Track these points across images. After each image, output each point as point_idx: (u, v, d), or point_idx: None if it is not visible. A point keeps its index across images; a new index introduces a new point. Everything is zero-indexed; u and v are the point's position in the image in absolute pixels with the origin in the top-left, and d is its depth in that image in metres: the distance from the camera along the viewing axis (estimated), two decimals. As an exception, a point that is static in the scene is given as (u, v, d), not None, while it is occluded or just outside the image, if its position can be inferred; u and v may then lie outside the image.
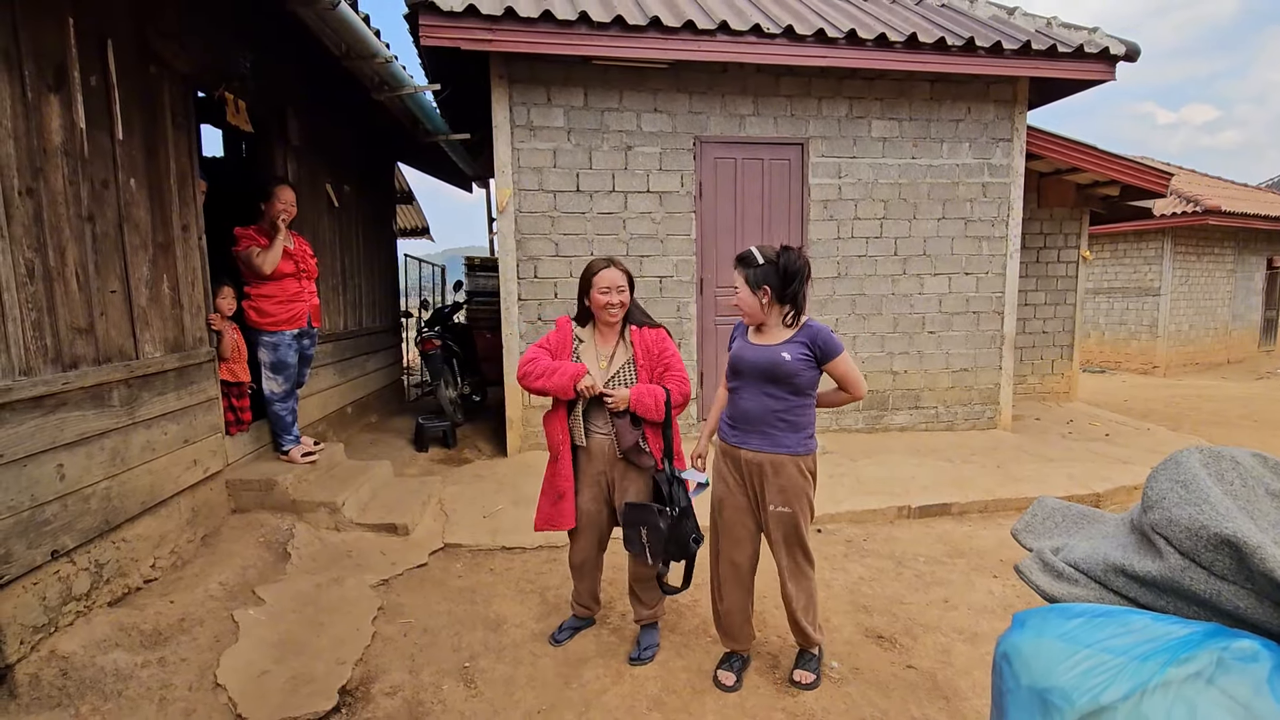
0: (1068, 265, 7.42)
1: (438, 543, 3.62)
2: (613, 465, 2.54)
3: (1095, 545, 0.75)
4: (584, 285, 2.50)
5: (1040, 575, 0.77)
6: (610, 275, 2.45)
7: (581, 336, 2.56)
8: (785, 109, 5.26)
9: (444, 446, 5.42)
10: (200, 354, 3.32)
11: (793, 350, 2.28)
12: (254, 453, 3.86)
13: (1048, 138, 6.17)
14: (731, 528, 2.43)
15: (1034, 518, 0.90)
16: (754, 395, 2.33)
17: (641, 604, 2.69)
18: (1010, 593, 3.19)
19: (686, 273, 5.27)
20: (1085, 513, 0.86)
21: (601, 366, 2.51)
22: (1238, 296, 13.71)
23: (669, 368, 2.51)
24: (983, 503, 4.24)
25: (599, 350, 2.54)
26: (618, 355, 2.54)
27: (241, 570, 3.08)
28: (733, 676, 2.48)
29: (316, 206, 4.88)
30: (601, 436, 2.53)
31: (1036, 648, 0.68)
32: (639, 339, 2.54)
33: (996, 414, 5.91)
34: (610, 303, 2.45)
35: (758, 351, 2.33)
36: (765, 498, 2.34)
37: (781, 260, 2.29)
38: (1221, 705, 0.64)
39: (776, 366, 2.27)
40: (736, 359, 2.40)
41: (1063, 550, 0.77)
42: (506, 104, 4.84)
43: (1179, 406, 8.43)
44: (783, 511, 2.33)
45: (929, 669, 2.58)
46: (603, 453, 2.54)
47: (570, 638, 2.77)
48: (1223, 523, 0.72)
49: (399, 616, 2.93)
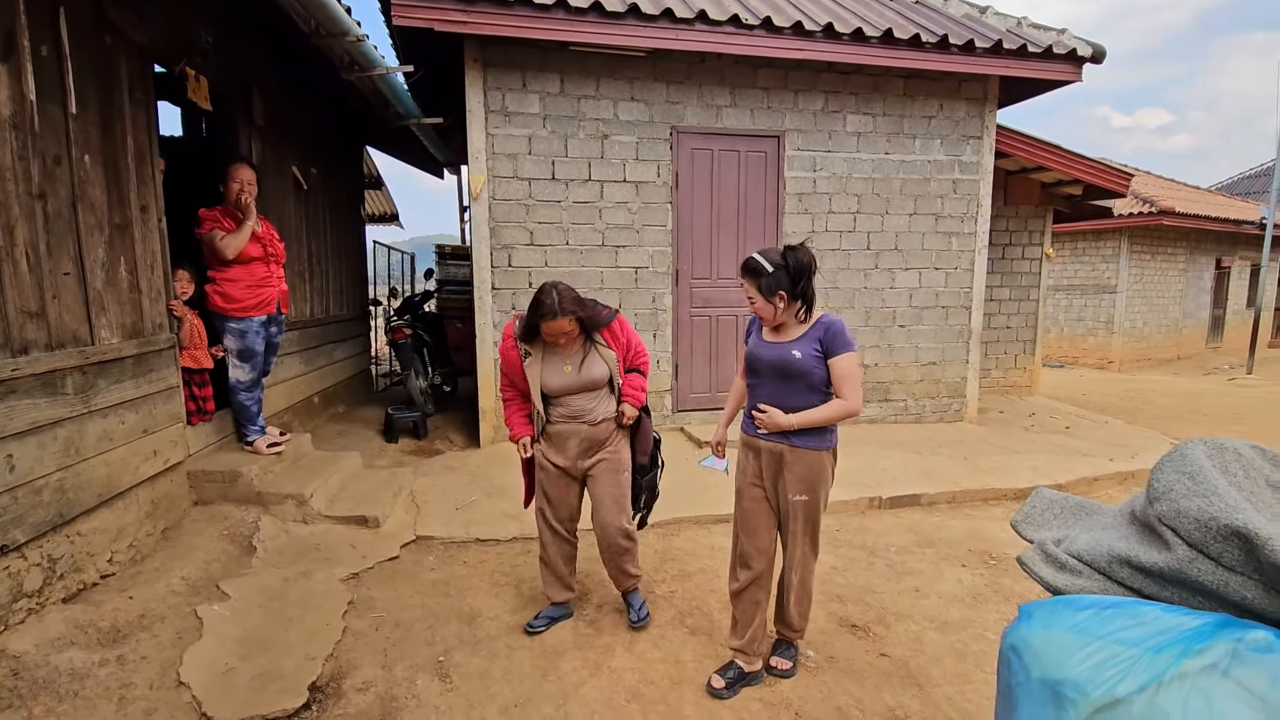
0: (1032, 262, 7.60)
1: (409, 535, 3.56)
2: (590, 442, 2.62)
3: (1098, 537, 0.76)
4: (532, 321, 2.46)
5: (1043, 567, 0.78)
6: (557, 326, 2.43)
7: (529, 351, 2.56)
8: (762, 101, 5.26)
9: (415, 437, 5.32)
10: (160, 340, 3.19)
11: (804, 348, 2.27)
12: (217, 443, 3.74)
13: (1016, 136, 6.29)
14: (748, 517, 2.44)
15: (1033, 509, 0.90)
16: (771, 392, 2.33)
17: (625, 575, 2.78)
18: (979, 581, 3.26)
19: (662, 264, 5.25)
20: (1083, 504, 0.87)
21: (567, 370, 2.57)
22: (1188, 295, 14.24)
23: (637, 353, 2.71)
24: (950, 493, 4.33)
25: (560, 357, 2.58)
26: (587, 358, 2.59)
27: (204, 564, 2.98)
28: (721, 680, 2.39)
29: (283, 189, 4.73)
30: (575, 425, 2.60)
31: (1046, 640, 0.68)
32: (611, 339, 2.63)
33: (963, 407, 6.04)
34: (559, 343, 2.54)
35: (772, 350, 2.33)
36: (785, 487, 2.34)
37: (790, 261, 2.25)
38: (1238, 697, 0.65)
39: (788, 365, 2.27)
40: (753, 357, 2.39)
41: (1064, 542, 0.77)
42: (481, 89, 4.75)
43: (1134, 401, 8.72)
44: (801, 500, 2.33)
45: (902, 657, 2.63)
46: (577, 435, 2.61)
47: (547, 627, 2.77)
48: (1232, 514, 0.73)
49: (370, 611, 2.87)
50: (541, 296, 2.43)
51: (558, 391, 2.57)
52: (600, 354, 2.59)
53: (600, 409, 2.61)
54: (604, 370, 2.58)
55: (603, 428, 2.62)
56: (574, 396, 2.58)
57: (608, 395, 2.64)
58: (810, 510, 2.35)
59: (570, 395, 2.58)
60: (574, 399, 2.58)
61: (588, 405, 2.59)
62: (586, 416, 2.59)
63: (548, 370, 2.56)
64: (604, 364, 2.58)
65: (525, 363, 2.55)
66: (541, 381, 2.55)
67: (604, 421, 2.62)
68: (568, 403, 2.58)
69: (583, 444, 2.61)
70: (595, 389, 2.59)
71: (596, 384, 2.58)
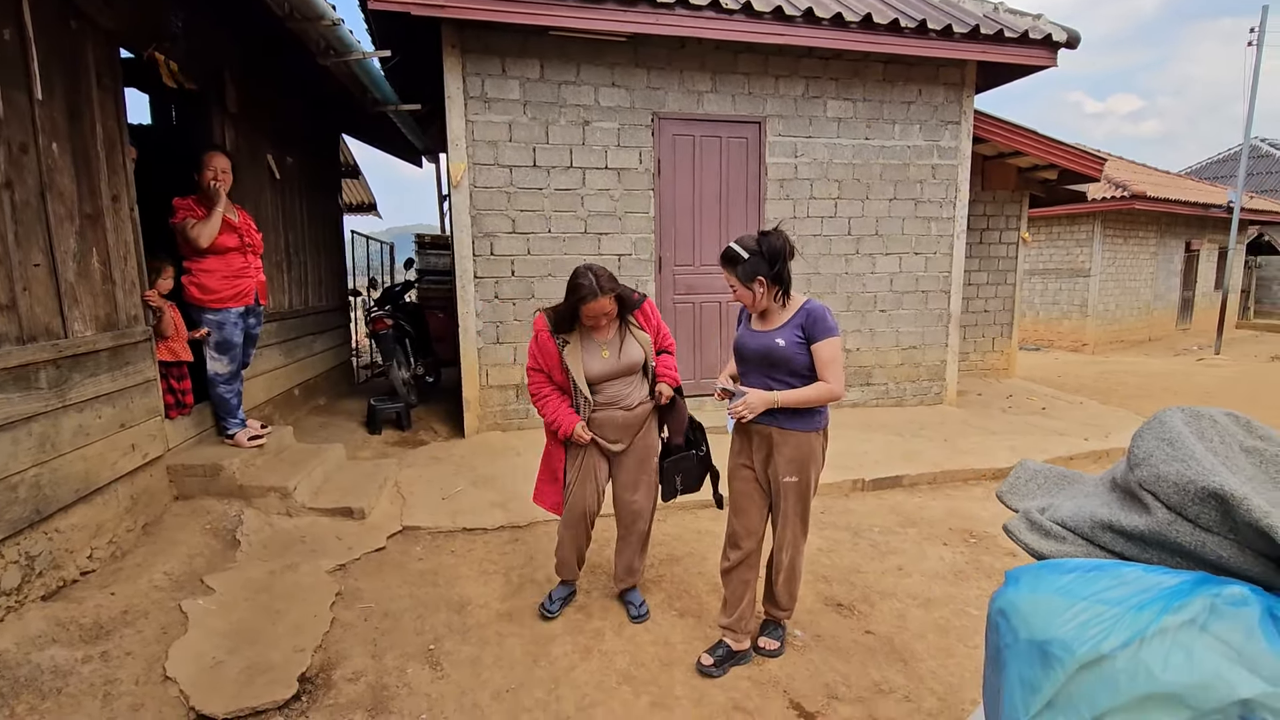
0: (1008, 246, 7.70)
1: (396, 526, 3.54)
2: (624, 429, 2.61)
3: (1080, 504, 0.79)
4: (571, 304, 2.44)
5: (1028, 534, 0.80)
6: (598, 306, 2.41)
7: (567, 340, 2.53)
8: (743, 87, 5.26)
9: (398, 428, 5.29)
10: (136, 333, 3.12)
11: (787, 335, 2.28)
12: (197, 436, 3.68)
13: (993, 122, 6.36)
14: (738, 498, 2.48)
15: (1017, 480, 0.93)
16: (758, 380, 2.36)
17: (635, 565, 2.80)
18: (961, 559, 3.33)
19: (645, 251, 5.24)
20: (1064, 474, 0.90)
21: (605, 355, 2.55)
22: (1159, 278, 14.55)
23: (665, 335, 2.72)
24: (931, 474, 4.40)
25: (597, 342, 2.56)
26: (624, 343, 2.58)
27: (188, 559, 2.94)
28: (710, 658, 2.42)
29: (258, 178, 4.64)
30: (614, 412, 2.58)
31: (1034, 603, 0.71)
32: (644, 320, 2.63)
33: (943, 390, 6.13)
34: (600, 325, 2.52)
35: (757, 339, 2.35)
36: (775, 469, 2.36)
37: (764, 246, 2.27)
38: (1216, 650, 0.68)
39: (772, 353, 2.29)
40: (740, 346, 2.43)
41: (1049, 509, 0.80)
42: (460, 74, 4.68)
43: (1107, 382, 8.91)
44: (791, 481, 2.35)
45: (886, 634, 2.68)
46: (614, 422, 2.59)
47: (562, 608, 2.79)
48: (1209, 477, 0.76)
49: (358, 601, 2.86)
50: (579, 280, 2.41)
51: (599, 378, 2.54)
52: (635, 336, 2.59)
53: (636, 394, 2.61)
54: (640, 353, 2.58)
55: (639, 412, 2.61)
56: (612, 383, 2.57)
57: (641, 380, 2.64)
58: (801, 491, 2.37)
59: (609, 381, 2.57)
60: (612, 385, 2.57)
61: (625, 390, 2.58)
62: (623, 402, 2.58)
63: (587, 357, 2.54)
64: (640, 347, 2.58)
65: (564, 352, 2.51)
66: (583, 368, 2.53)
67: (640, 406, 2.62)
68: (605, 389, 2.57)
69: (619, 430, 2.61)
70: (633, 373, 2.59)
71: (635, 367, 2.58)
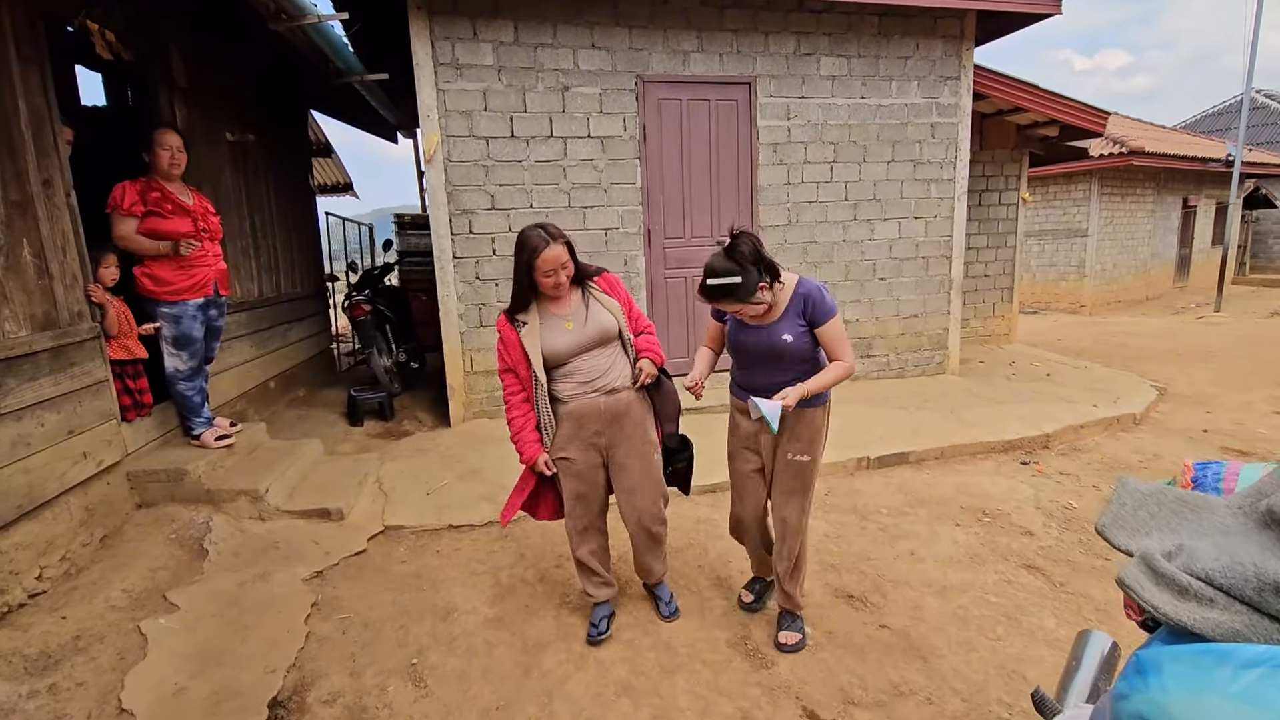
0: (1008, 208, 7.46)
1: (377, 526, 3.34)
2: (610, 419, 2.33)
3: (1227, 548, 0.57)
4: (523, 268, 2.20)
5: (1156, 592, 0.57)
6: (553, 254, 2.16)
7: (524, 320, 2.28)
8: (731, 45, 4.95)
9: (381, 419, 5.06)
10: (80, 331, 2.87)
11: (791, 329, 2.17)
12: (160, 439, 3.45)
13: (992, 76, 6.07)
14: (743, 480, 2.44)
15: (1122, 507, 0.70)
16: (766, 372, 2.25)
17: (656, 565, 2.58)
18: (975, 540, 3.16)
19: (633, 224, 4.98)
20: (1184, 497, 0.68)
21: (570, 328, 2.27)
22: (1156, 235, 14.33)
23: (638, 316, 2.44)
24: (938, 449, 4.22)
25: (559, 316, 2.29)
26: (590, 311, 2.31)
27: (149, 573, 2.73)
28: (750, 595, 2.65)
29: (216, 158, 4.34)
30: (591, 396, 2.30)
31: (1198, 713, 0.48)
32: (609, 288, 2.39)
33: (945, 359, 5.93)
34: (559, 282, 2.21)
35: (758, 336, 2.22)
36: (784, 448, 2.29)
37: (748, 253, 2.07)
38: None
39: (780, 350, 2.19)
40: (737, 343, 2.29)
41: (1180, 555, 0.58)
42: (428, 38, 4.36)
43: (1108, 344, 8.74)
44: (802, 460, 2.28)
45: (902, 627, 2.51)
46: (595, 412, 2.31)
47: (609, 627, 2.49)
48: None
49: (336, 612, 2.66)
50: (527, 233, 2.18)
51: (566, 354, 2.26)
52: (601, 302, 2.32)
53: (615, 372, 2.32)
54: (610, 319, 2.30)
55: (623, 398, 2.32)
56: (584, 357, 2.29)
57: (621, 356, 2.35)
58: (809, 470, 2.31)
59: (580, 356, 2.29)
60: (585, 360, 2.29)
61: (602, 366, 2.30)
62: (600, 381, 2.29)
63: (549, 334, 2.25)
64: (609, 313, 2.31)
65: (521, 335, 2.26)
66: (545, 347, 2.25)
67: (623, 390, 2.33)
68: (579, 367, 2.28)
69: (603, 420, 2.32)
70: (607, 342, 2.31)
71: (607, 335, 2.30)
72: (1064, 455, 4.30)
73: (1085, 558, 2.99)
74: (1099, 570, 2.88)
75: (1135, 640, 0.69)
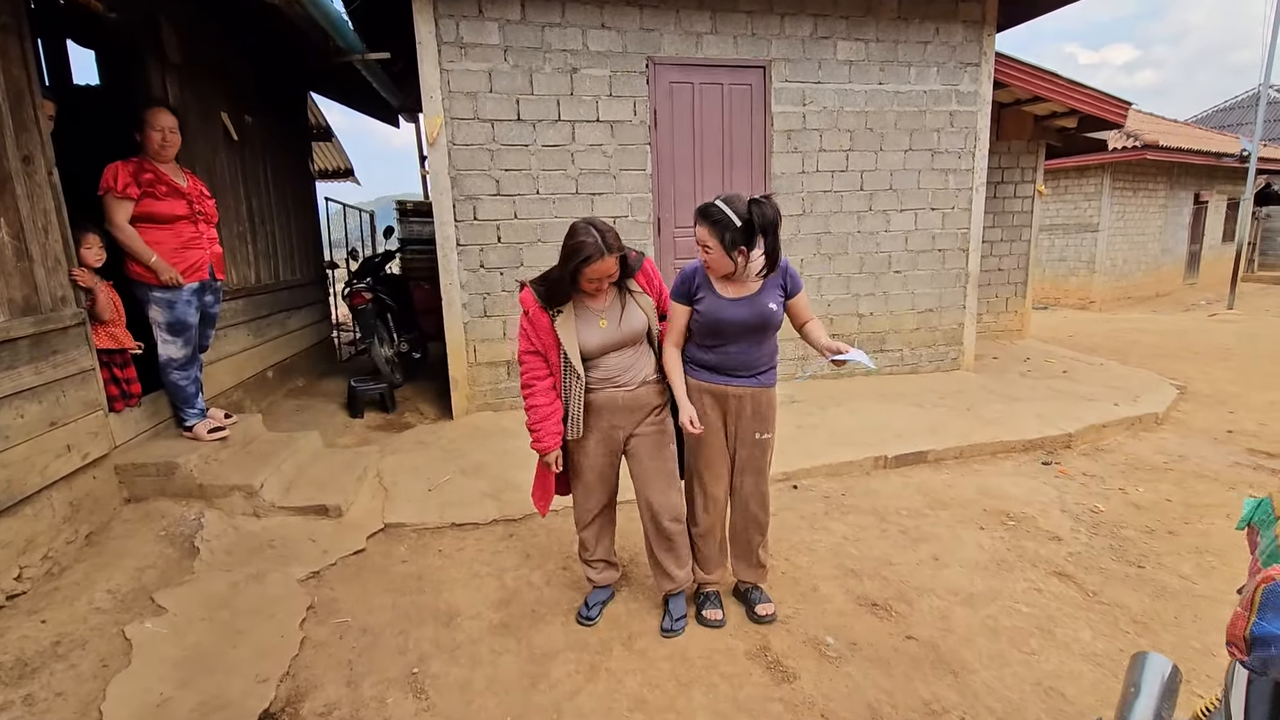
0: (1024, 200, 7.31)
1: (377, 523, 3.20)
2: (628, 413, 2.29)
3: None
4: (570, 269, 2.09)
5: None
6: (603, 268, 2.08)
7: (558, 309, 2.18)
8: (745, 27, 4.77)
9: (382, 410, 4.93)
10: (64, 316, 2.72)
11: (775, 298, 2.27)
12: (150, 430, 3.31)
13: (1012, 64, 5.88)
14: (714, 462, 2.41)
15: None
16: (743, 348, 2.29)
17: (676, 566, 2.44)
18: (1000, 545, 3.02)
19: (643, 212, 4.82)
20: None
21: (603, 325, 2.22)
22: (1167, 231, 14.14)
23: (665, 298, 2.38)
24: (957, 449, 4.08)
25: (594, 311, 2.22)
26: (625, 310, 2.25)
27: (137, 573, 2.60)
28: (719, 612, 2.47)
29: (211, 139, 4.17)
30: (613, 391, 2.27)
31: None
32: (646, 283, 2.32)
33: (960, 355, 5.78)
34: (601, 288, 2.18)
35: (741, 308, 2.25)
36: (747, 427, 2.36)
37: (755, 216, 2.12)
38: None
39: (767, 319, 2.26)
40: (717, 320, 2.24)
41: None
42: (431, 15, 4.19)
43: (1121, 340, 8.59)
44: (766, 438, 2.39)
45: (930, 639, 2.37)
46: (614, 405, 2.28)
47: (601, 613, 2.50)
48: None
49: (333, 615, 2.53)
50: (581, 238, 2.05)
51: (594, 351, 2.22)
52: (638, 302, 2.27)
53: (638, 369, 2.30)
54: (643, 321, 2.27)
55: (642, 392, 2.30)
56: (610, 356, 2.25)
57: (647, 351, 2.33)
58: (771, 445, 2.43)
59: (607, 355, 2.25)
60: (611, 359, 2.25)
61: (626, 364, 2.27)
62: (622, 379, 2.27)
63: (581, 328, 2.20)
64: (642, 313, 2.27)
65: (556, 323, 2.17)
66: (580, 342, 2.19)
67: (643, 386, 2.30)
68: (604, 363, 2.26)
69: (621, 413, 2.29)
70: (635, 343, 2.28)
71: (637, 337, 2.28)
72: (1086, 455, 4.16)
73: (1117, 565, 2.85)
74: (1132, 579, 2.75)
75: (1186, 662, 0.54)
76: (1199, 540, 3.06)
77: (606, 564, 2.55)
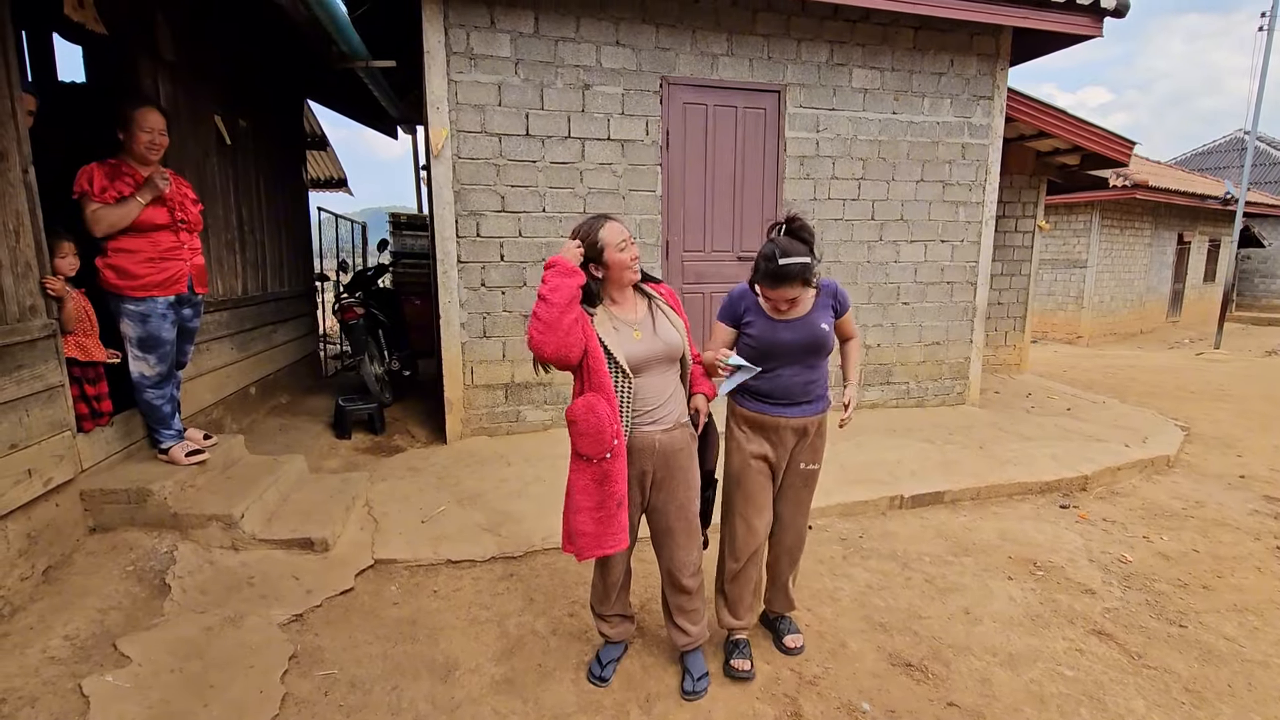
0: (1024, 235, 7.28)
1: (366, 559, 2.96)
2: (662, 460, 2.08)
3: None
4: (594, 250, 1.98)
5: None
6: (620, 228, 2.02)
7: (592, 311, 2.01)
8: (761, 50, 4.68)
9: (370, 432, 4.68)
10: (32, 328, 2.48)
11: (826, 319, 2.21)
12: (122, 453, 3.05)
13: (1022, 99, 5.87)
14: (756, 494, 2.28)
15: None
16: (796, 371, 2.21)
17: (690, 622, 2.25)
18: (1033, 598, 2.86)
19: (651, 234, 4.67)
20: None
21: (637, 336, 2.03)
22: (1152, 269, 14.35)
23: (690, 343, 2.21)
24: (975, 490, 3.93)
25: (624, 319, 2.05)
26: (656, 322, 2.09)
27: (99, 615, 2.34)
28: (747, 663, 2.31)
29: (202, 142, 3.96)
30: (648, 429, 2.05)
31: None
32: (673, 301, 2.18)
33: (965, 389, 5.68)
34: (634, 256, 2.03)
35: (794, 329, 2.18)
36: (795, 457, 2.28)
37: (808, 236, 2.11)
38: None
39: (820, 340, 2.19)
40: (770, 343, 2.15)
41: None
42: (441, 25, 4.04)
43: (1116, 377, 8.58)
44: (813, 469, 2.33)
45: (974, 706, 2.19)
46: (651, 448, 2.06)
47: (612, 673, 2.29)
48: None
49: (318, 667, 2.29)
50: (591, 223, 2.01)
51: (641, 362, 2.01)
52: (668, 316, 2.10)
53: (674, 404, 2.09)
54: (677, 336, 2.09)
55: (677, 436, 2.09)
56: (654, 375, 2.05)
57: (679, 384, 2.14)
58: (815, 478, 2.36)
59: (651, 373, 2.04)
60: (648, 378, 2.03)
61: (664, 392, 2.06)
62: (659, 412, 2.05)
63: (621, 341, 2.01)
64: (674, 328, 2.09)
65: (594, 322, 1.98)
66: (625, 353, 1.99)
67: (678, 429, 2.09)
68: (640, 387, 2.02)
69: (655, 459, 2.07)
70: (671, 362, 2.09)
71: (674, 353, 2.08)
72: (1103, 499, 4.04)
73: (1158, 623, 2.70)
74: (1175, 639, 2.59)
75: None
76: (1235, 597, 2.92)
77: (623, 618, 2.34)
